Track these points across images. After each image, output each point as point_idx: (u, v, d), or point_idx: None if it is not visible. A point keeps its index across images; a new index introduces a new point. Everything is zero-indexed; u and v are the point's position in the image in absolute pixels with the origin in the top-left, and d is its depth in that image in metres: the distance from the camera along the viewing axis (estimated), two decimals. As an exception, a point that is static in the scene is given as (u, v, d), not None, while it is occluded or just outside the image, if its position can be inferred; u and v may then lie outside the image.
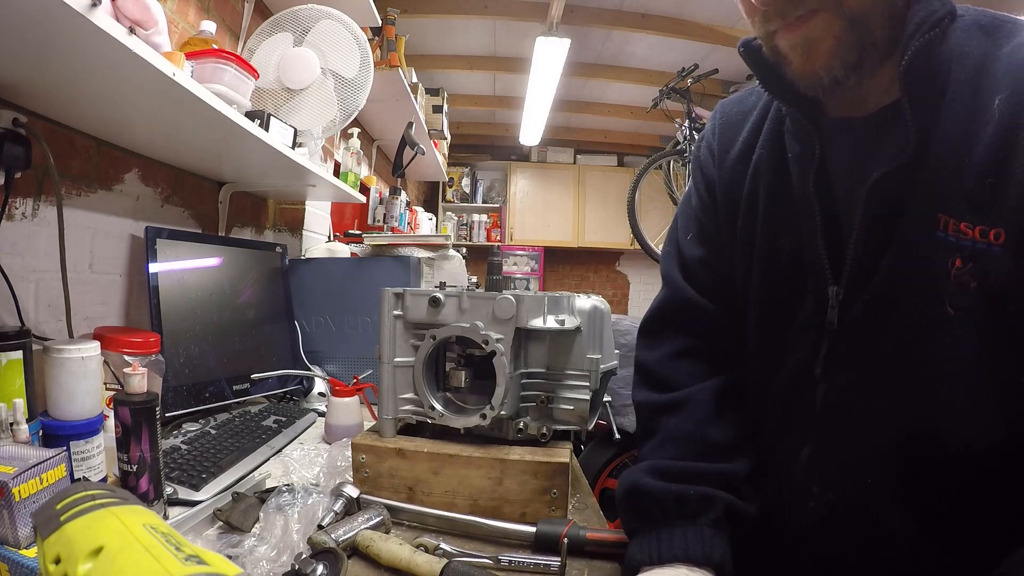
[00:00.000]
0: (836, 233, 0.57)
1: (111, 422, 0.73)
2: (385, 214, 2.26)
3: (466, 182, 5.87)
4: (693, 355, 0.70)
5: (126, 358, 0.89)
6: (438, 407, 0.81)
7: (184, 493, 0.79)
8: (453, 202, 5.80)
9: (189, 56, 0.98)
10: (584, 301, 0.83)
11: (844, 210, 0.57)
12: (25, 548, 0.56)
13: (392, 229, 2.24)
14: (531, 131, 4.86)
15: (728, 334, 0.70)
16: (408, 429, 0.88)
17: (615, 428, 1.01)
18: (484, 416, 0.77)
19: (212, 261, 1.25)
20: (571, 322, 0.80)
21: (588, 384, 0.80)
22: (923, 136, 0.50)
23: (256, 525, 0.69)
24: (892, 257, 0.52)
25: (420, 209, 3.58)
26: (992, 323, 0.47)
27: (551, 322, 0.79)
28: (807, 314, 0.60)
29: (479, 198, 5.90)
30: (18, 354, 0.72)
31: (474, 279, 2.02)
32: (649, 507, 0.60)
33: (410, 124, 2.22)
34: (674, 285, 0.73)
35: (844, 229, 0.57)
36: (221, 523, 0.70)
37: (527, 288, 4.79)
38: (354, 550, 0.66)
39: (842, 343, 0.57)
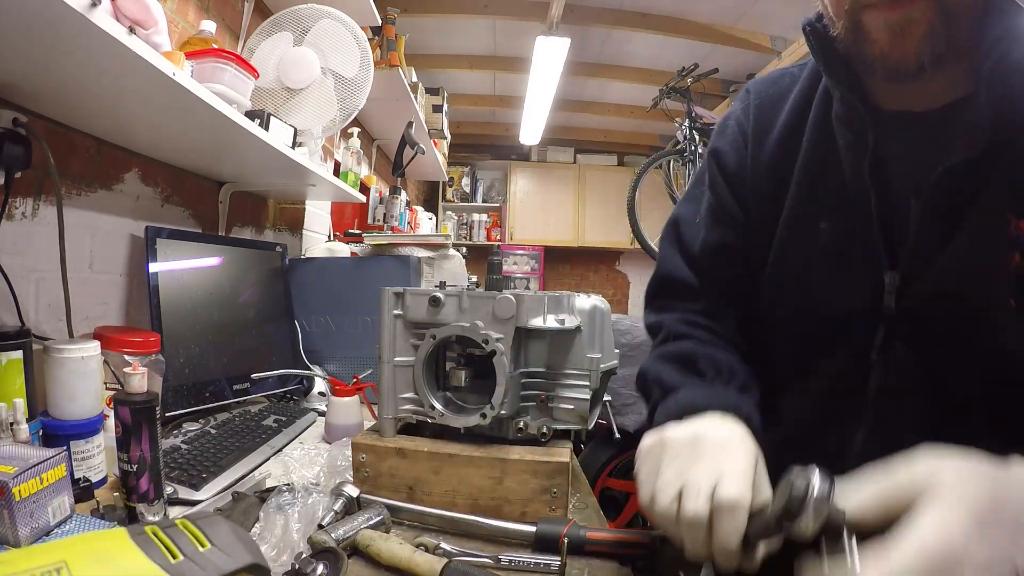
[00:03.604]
0: (888, 220, 0.59)
1: (111, 422, 0.73)
2: (385, 213, 2.26)
3: (466, 182, 5.87)
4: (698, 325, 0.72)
5: (126, 358, 0.89)
6: (438, 407, 0.81)
7: (184, 493, 0.78)
8: (453, 202, 5.80)
9: (189, 56, 0.98)
10: (584, 300, 0.83)
11: (897, 199, 0.58)
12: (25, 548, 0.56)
13: (392, 229, 2.24)
14: (531, 131, 4.86)
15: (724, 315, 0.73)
16: (408, 429, 0.88)
17: (615, 428, 1.01)
18: (484, 416, 0.77)
19: (212, 261, 1.25)
20: (571, 321, 0.80)
21: (588, 383, 0.80)
22: (1004, 141, 0.51)
23: (256, 525, 0.69)
24: (955, 248, 0.54)
25: (420, 208, 3.58)
26: None
27: (551, 321, 0.79)
28: (858, 299, 0.61)
29: (479, 198, 5.90)
30: (18, 354, 0.72)
31: (474, 279, 2.02)
32: (666, 378, 0.63)
33: (410, 124, 2.22)
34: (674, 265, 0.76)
35: (897, 217, 0.58)
36: (221, 523, 0.70)
37: (527, 288, 4.74)
38: (354, 550, 0.66)
39: (900, 328, 0.59)
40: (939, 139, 0.55)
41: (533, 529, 0.69)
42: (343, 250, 1.76)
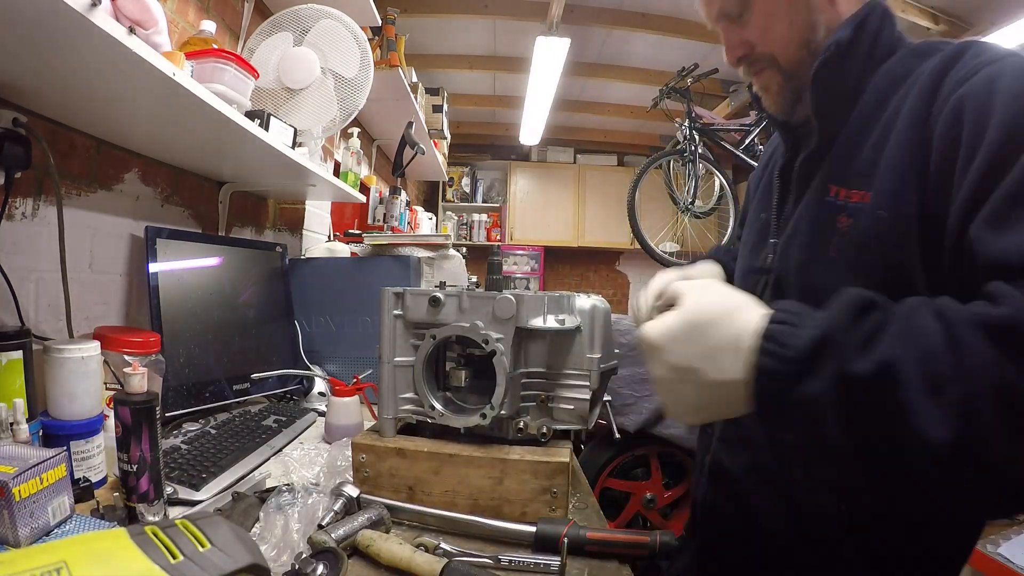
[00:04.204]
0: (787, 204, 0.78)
1: (111, 422, 0.73)
2: (385, 214, 2.26)
3: (466, 182, 5.87)
4: None
5: (126, 358, 0.89)
6: (438, 407, 0.81)
7: (184, 493, 0.79)
8: (453, 202, 5.79)
9: (189, 56, 0.98)
10: (584, 300, 0.83)
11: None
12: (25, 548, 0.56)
13: (392, 229, 2.24)
14: (531, 131, 4.85)
15: None
16: (408, 429, 0.88)
17: (615, 428, 1.01)
18: (484, 416, 0.77)
19: (212, 261, 1.25)
20: (571, 322, 0.80)
21: (588, 383, 0.80)
22: (832, 133, 0.69)
23: (256, 525, 0.69)
24: (798, 214, 0.72)
25: (420, 209, 3.58)
26: (858, 263, 0.63)
27: (551, 322, 0.79)
28: (757, 261, 0.80)
29: (479, 198, 5.89)
30: (18, 354, 0.72)
31: (474, 279, 2.02)
32: None
33: (410, 124, 2.21)
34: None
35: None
36: (221, 523, 0.70)
37: (527, 288, 4.72)
38: (354, 550, 0.66)
39: (772, 280, 0.76)
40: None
41: (533, 529, 0.69)
42: (343, 250, 1.76)
